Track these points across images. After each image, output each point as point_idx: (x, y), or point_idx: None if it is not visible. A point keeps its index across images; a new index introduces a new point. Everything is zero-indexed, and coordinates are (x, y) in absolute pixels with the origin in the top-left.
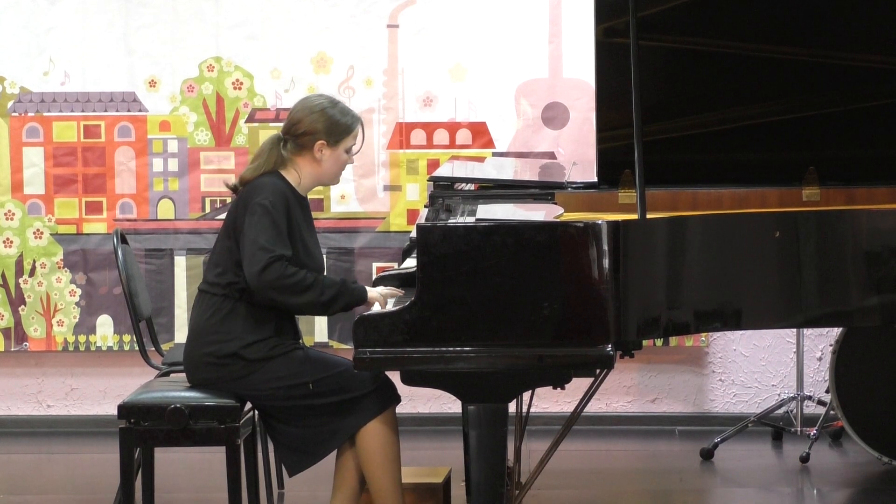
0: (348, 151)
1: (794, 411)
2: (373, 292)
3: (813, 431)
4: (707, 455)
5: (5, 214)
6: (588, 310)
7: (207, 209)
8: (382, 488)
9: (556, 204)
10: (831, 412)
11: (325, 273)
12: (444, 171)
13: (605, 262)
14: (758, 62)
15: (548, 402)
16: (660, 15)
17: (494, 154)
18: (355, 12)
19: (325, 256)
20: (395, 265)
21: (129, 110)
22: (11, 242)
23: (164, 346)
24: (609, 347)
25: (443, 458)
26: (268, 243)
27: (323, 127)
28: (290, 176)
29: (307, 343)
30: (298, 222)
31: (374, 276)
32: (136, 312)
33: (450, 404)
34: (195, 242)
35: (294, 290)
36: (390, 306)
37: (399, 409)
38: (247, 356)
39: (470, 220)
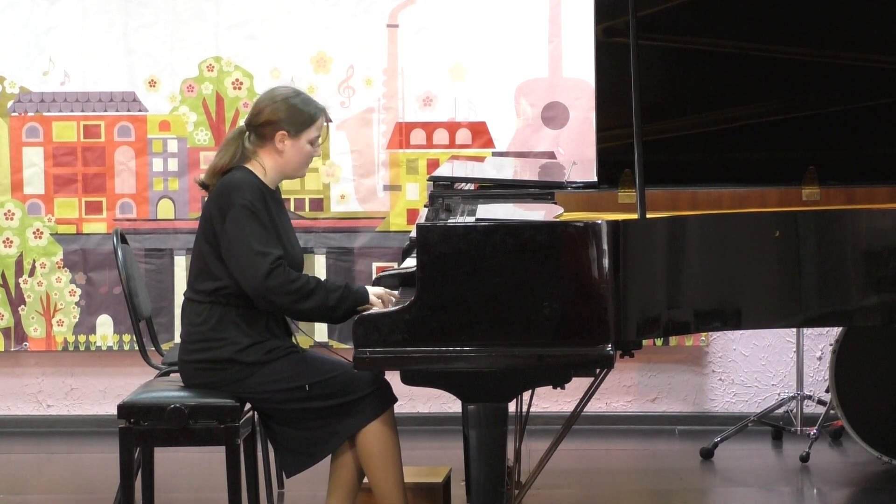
0: (312, 143)
1: (794, 411)
2: (373, 295)
3: (813, 431)
4: (707, 455)
5: (5, 214)
6: (588, 309)
7: None
8: (385, 489)
9: (555, 204)
10: (831, 412)
11: (302, 268)
12: (443, 170)
13: (605, 262)
14: (758, 62)
15: (548, 401)
16: (660, 15)
17: (494, 154)
18: (355, 12)
19: (324, 256)
20: (395, 265)
21: (128, 110)
22: (11, 242)
23: (164, 346)
24: (609, 347)
25: (443, 458)
26: (262, 247)
27: (284, 116)
28: (256, 169)
29: (308, 344)
30: (275, 217)
31: (374, 276)
32: (136, 312)
33: (450, 404)
34: None
35: (299, 294)
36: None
37: (399, 409)
38: (243, 360)
39: (470, 219)
